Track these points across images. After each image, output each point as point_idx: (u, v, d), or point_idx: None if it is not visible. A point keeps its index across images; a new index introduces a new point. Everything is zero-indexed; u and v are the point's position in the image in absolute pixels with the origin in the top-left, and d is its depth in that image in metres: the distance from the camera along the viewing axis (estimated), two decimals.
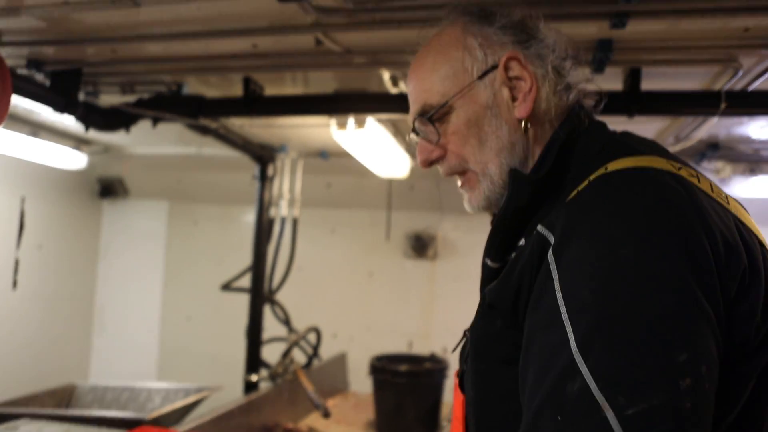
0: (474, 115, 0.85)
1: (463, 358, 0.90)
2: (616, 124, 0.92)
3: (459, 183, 0.91)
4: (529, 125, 0.83)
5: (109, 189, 4.30)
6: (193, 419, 1.70)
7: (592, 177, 0.72)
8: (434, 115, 0.86)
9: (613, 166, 0.72)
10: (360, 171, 2.98)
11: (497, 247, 0.84)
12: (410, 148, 2.57)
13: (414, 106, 0.90)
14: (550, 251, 0.68)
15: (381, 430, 2.24)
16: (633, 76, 1.75)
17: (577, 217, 0.69)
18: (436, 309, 3.66)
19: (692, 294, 0.61)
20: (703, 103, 1.78)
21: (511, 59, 0.83)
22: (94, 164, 3.92)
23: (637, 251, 0.63)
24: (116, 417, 1.78)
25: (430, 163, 0.90)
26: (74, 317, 4.10)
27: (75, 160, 3.48)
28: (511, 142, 0.84)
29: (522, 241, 0.80)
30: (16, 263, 3.67)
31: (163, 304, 4.17)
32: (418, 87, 0.89)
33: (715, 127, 2.25)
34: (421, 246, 3.74)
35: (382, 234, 3.79)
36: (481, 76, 0.84)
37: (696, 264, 0.62)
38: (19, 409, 1.88)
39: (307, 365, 2.60)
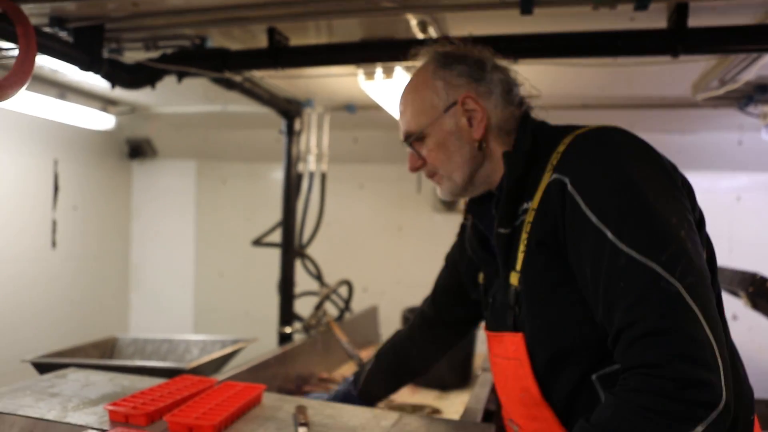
0: (442, 139, 1.16)
1: (505, 308, 1.11)
2: (660, 64, 1.13)
3: (430, 177, 1.21)
4: (484, 143, 1.14)
5: (138, 150, 4.35)
6: (230, 369, 1.74)
7: (567, 140, 1.04)
8: (413, 139, 1.19)
9: (580, 130, 1.05)
10: (387, 124, 2.94)
11: (508, 216, 1.09)
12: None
13: (401, 129, 1.21)
14: (569, 187, 0.97)
15: (414, 381, 2.26)
16: (679, 12, 1.64)
17: (579, 159, 1.00)
18: None
19: (672, 182, 0.98)
20: (757, 39, 1.67)
21: (467, 97, 1.14)
22: (122, 125, 3.95)
23: (628, 162, 0.96)
24: (157, 366, 1.83)
25: (416, 169, 1.21)
26: (111, 275, 4.22)
27: (103, 121, 3.51)
28: (472, 156, 1.15)
29: (525, 205, 1.06)
30: (54, 224, 3.78)
31: (196, 261, 4.25)
32: (403, 117, 1.21)
33: (765, 67, 2.12)
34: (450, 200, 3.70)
35: (411, 188, 3.77)
36: (446, 110, 1.15)
37: (666, 168, 1.00)
38: (66, 359, 1.95)
39: (339, 318, 2.63)
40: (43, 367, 2.02)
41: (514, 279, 1.08)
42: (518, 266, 1.06)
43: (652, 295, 0.86)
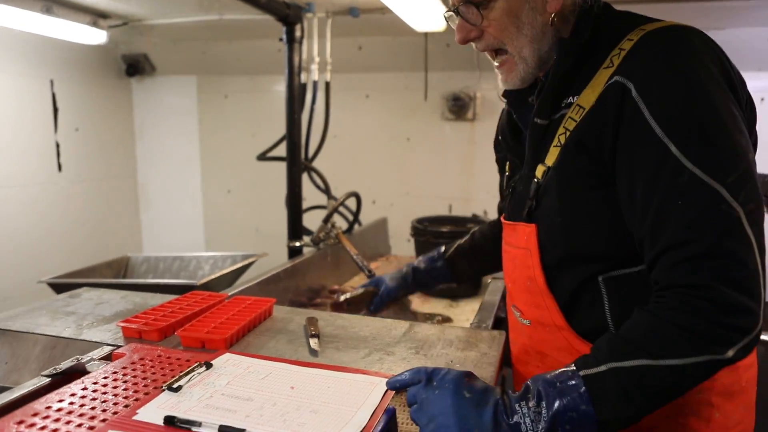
0: (515, 6, 1.02)
1: (524, 199, 1.09)
2: None
3: (496, 64, 1.09)
4: (555, 19, 1.02)
5: (135, 67, 4.20)
6: (241, 283, 1.75)
7: (633, 37, 0.94)
8: (481, 2, 1.02)
9: (649, 27, 0.94)
10: (392, 28, 2.78)
11: (548, 107, 1.03)
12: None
13: None
14: (633, 93, 0.89)
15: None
16: None
17: (648, 63, 0.90)
18: (476, 171, 3.59)
19: (739, 100, 0.91)
20: None
21: None
22: (116, 41, 3.79)
23: (704, 72, 0.88)
24: (169, 283, 1.85)
25: (467, 41, 1.08)
26: (120, 197, 4.23)
27: (94, 35, 3.35)
28: (543, 32, 1.03)
29: (570, 99, 1.00)
30: (57, 146, 3.74)
31: (203, 179, 4.23)
32: None
33: None
34: (459, 107, 3.59)
35: (418, 97, 3.64)
36: None
37: (736, 83, 0.92)
38: (80, 279, 1.97)
39: (348, 230, 2.62)
40: (59, 287, 2.05)
41: (539, 172, 1.05)
42: (547, 160, 1.03)
43: (711, 218, 0.82)
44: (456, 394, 0.82)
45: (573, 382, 0.80)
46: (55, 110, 3.67)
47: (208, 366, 1.06)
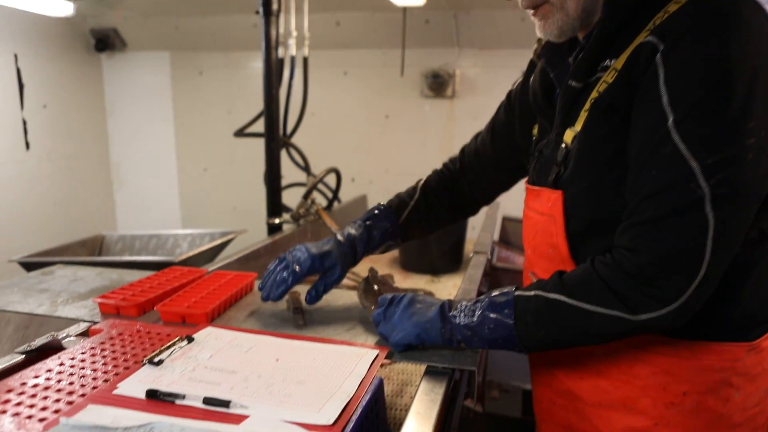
0: None
1: (551, 164, 1.06)
2: None
3: (531, 13, 1.02)
4: None
5: (105, 42, 4.07)
6: (221, 260, 1.72)
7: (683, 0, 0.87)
8: None
9: None
10: (371, 3, 2.73)
11: (586, 70, 0.98)
12: None
13: None
14: (659, 56, 0.85)
15: (406, 266, 2.27)
16: None
17: (685, 29, 0.84)
18: (455, 149, 3.56)
19: (764, 85, 0.82)
20: None
21: None
22: (84, 14, 3.66)
23: (741, 48, 0.81)
24: (146, 260, 1.81)
25: None
26: (92, 175, 4.12)
27: (60, 6, 3.22)
28: None
29: (607, 62, 0.95)
30: (24, 124, 3.61)
31: (179, 157, 4.14)
32: None
33: None
34: (438, 84, 3.56)
35: (397, 74, 3.60)
36: None
37: None
38: (53, 258, 1.92)
39: (328, 207, 2.59)
40: (31, 266, 1.99)
41: (568, 137, 1.01)
42: (577, 125, 0.99)
43: (673, 193, 0.83)
44: (410, 306, 1.03)
45: (507, 297, 0.94)
46: (21, 86, 3.53)
47: (190, 340, 1.04)
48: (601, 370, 1.02)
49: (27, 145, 3.58)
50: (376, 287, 1.23)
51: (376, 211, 1.36)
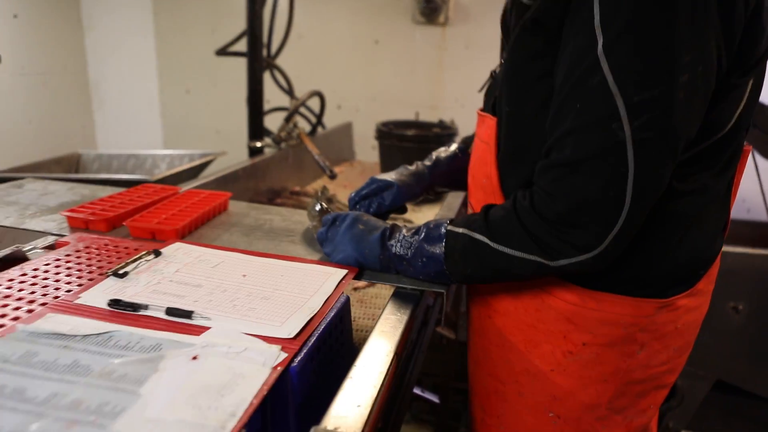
0: None
1: (493, 90, 1.04)
2: None
3: None
4: None
5: None
6: (197, 180, 1.68)
7: None
8: None
9: None
10: None
11: None
12: None
13: None
14: None
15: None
16: None
17: None
18: (446, 79, 3.48)
19: (707, 6, 0.72)
20: None
21: None
22: None
23: None
24: (121, 179, 1.77)
25: None
26: (69, 93, 3.98)
27: None
28: None
29: None
30: None
31: (160, 77, 4.00)
32: None
33: None
34: (431, 10, 3.41)
35: None
36: None
37: (732, 6, 0.74)
38: (25, 174, 1.87)
39: (312, 133, 2.54)
40: (1, 182, 1.94)
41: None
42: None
43: (594, 133, 0.76)
44: (352, 227, 1.02)
45: (441, 231, 0.93)
46: None
47: (157, 254, 1.02)
48: (509, 310, 1.00)
49: None
50: (323, 205, 1.21)
51: (443, 149, 1.33)
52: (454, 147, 1.32)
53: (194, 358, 0.65)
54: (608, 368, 0.94)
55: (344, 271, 0.98)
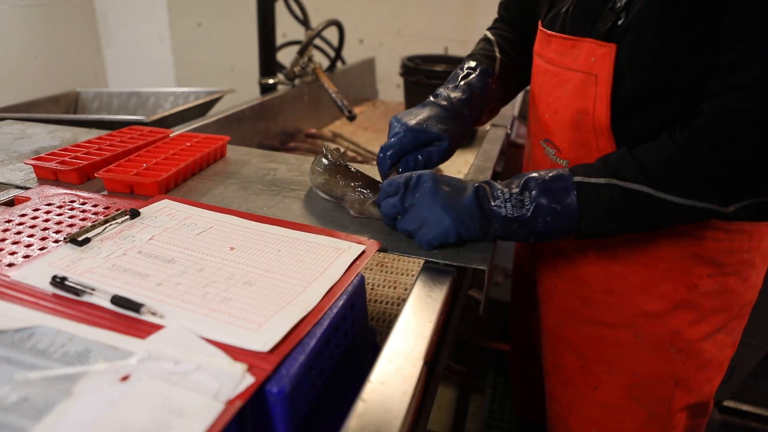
0: None
1: (601, 7, 0.84)
2: None
3: None
4: None
5: None
6: (195, 121, 1.47)
7: None
8: None
9: None
10: None
11: None
12: None
13: None
14: None
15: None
16: None
17: None
18: (476, 11, 3.15)
19: None
20: None
21: None
22: None
23: None
24: (112, 119, 1.57)
25: None
26: (75, 28, 3.75)
27: None
28: None
29: None
30: None
31: (170, 10, 3.74)
32: None
33: None
34: None
35: None
36: None
37: None
38: (16, 114, 1.68)
39: (330, 69, 2.29)
40: None
41: None
42: None
43: None
44: (438, 191, 0.77)
45: (568, 183, 0.76)
46: None
47: (135, 215, 0.83)
48: (618, 254, 0.94)
49: None
50: (351, 168, 0.94)
51: (468, 69, 1.05)
52: (477, 69, 1.05)
53: (124, 378, 0.46)
54: (730, 296, 0.93)
55: (362, 247, 0.77)
